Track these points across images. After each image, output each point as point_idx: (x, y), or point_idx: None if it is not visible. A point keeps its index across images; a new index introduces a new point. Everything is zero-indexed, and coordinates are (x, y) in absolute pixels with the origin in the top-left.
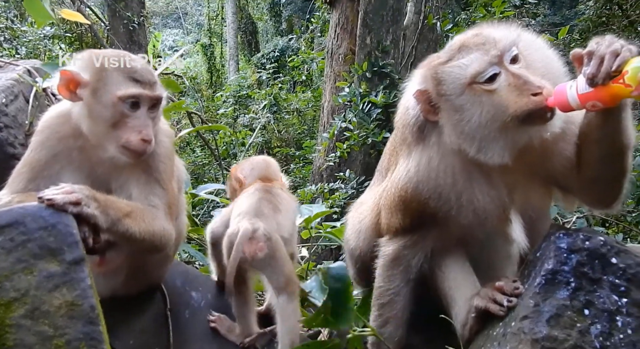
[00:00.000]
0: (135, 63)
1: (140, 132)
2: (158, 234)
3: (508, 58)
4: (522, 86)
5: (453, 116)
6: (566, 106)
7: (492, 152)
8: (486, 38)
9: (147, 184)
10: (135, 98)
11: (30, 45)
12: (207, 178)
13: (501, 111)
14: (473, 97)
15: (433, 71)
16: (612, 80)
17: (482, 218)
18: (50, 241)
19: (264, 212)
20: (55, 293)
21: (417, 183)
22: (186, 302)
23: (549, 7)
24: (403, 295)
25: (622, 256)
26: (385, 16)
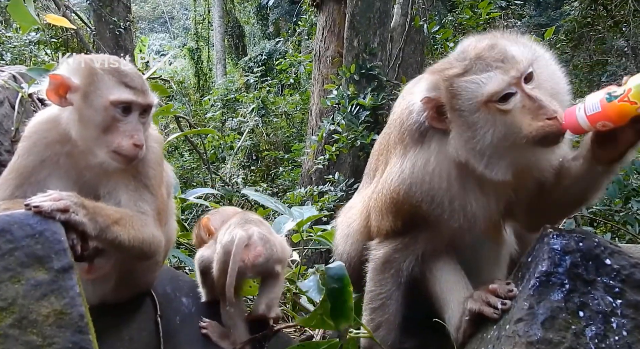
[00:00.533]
0: (127, 68)
1: (132, 136)
2: (147, 241)
3: (523, 77)
4: (537, 110)
5: (465, 132)
6: (577, 128)
7: (497, 168)
8: (505, 55)
9: (136, 190)
10: (127, 103)
11: (16, 51)
12: (196, 182)
13: (513, 132)
14: (487, 116)
15: (449, 83)
16: (618, 99)
17: (472, 223)
18: (37, 249)
19: (253, 220)
20: (44, 301)
21: (411, 185)
22: (177, 308)
23: (534, 8)
24: (395, 299)
25: (616, 257)
26: (372, 18)
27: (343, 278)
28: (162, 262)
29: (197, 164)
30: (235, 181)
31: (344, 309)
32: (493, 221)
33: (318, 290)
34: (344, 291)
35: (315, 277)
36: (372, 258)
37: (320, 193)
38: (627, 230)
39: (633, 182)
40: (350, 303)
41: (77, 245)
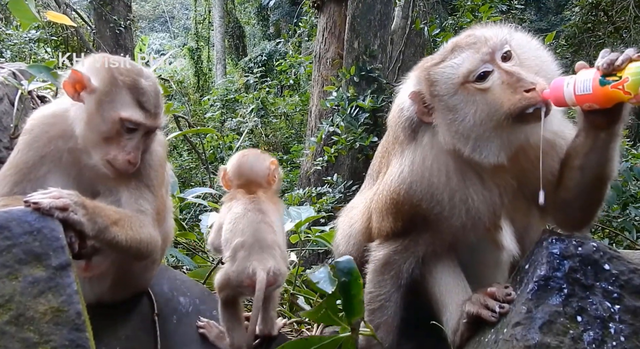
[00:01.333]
0: (147, 85)
1: (129, 153)
2: (145, 241)
3: (500, 56)
4: (515, 83)
5: (447, 116)
6: (561, 101)
7: (487, 151)
8: (477, 37)
9: (137, 189)
10: (136, 124)
11: (15, 49)
12: (194, 182)
13: (495, 109)
14: (466, 97)
15: (426, 72)
16: (612, 85)
17: (474, 219)
18: (35, 246)
19: (267, 240)
20: (41, 298)
21: (411, 184)
22: (174, 307)
23: (535, 12)
24: (394, 301)
25: (615, 263)
26: (372, 21)
27: (352, 271)
28: (160, 261)
29: (195, 164)
30: None
31: (355, 302)
32: (496, 217)
33: (330, 281)
34: (354, 284)
35: (326, 268)
36: (372, 259)
37: (318, 195)
38: (624, 236)
39: (631, 188)
40: (361, 296)
41: (75, 243)
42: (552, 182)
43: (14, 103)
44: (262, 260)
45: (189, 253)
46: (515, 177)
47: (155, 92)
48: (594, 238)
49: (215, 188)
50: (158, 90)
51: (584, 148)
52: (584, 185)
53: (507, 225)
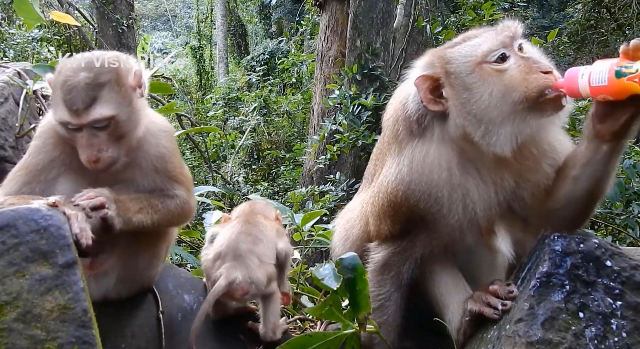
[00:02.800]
0: (75, 82)
1: (84, 153)
2: (172, 216)
3: (517, 45)
4: (532, 65)
5: (461, 94)
6: (575, 92)
7: (496, 138)
8: (495, 26)
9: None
10: (64, 124)
11: (18, 48)
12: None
13: (512, 90)
14: (483, 77)
15: (442, 54)
16: (628, 77)
17: (471, 216)
18: (42, 244)
19: (241, 250)
20: (48, 296)
21: (409, 184)
22: (178, 305)
23: (537, 10)
24: (394, 300)
25: (617, 259)
26: (375, 19)
27: (357, 267)
28: (164, 258)
29: (198, 162)
30: (237, 180)
31: (361, 297)
32: (491, 217)
33: (334, 277)
34: (359, 280)
35: (330, 265)
36: (371, 260)
37: (321, 193)
38: (627, 233)
39: (634, 185)
40: (367, 291)
41: (82, 238)
42: (544, 188)
43: (19, 102)
44: (230, 268)
45: (192, 251)
46: (513, 176)
47: (85, 87)
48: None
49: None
50: (89, 84)
51: (583, 159)
52: (573, 197)
53: (504, 230)
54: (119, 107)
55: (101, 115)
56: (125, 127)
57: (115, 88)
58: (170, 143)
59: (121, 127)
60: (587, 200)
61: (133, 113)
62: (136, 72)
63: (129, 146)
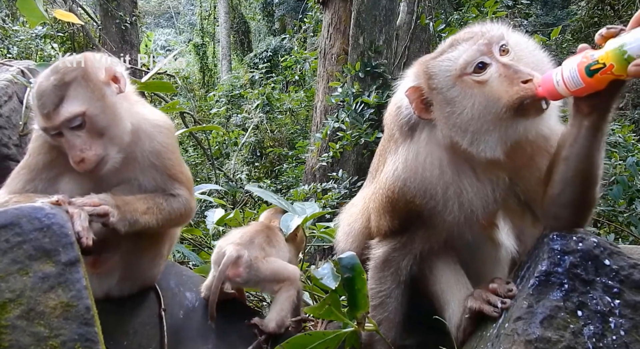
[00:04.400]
0: (42, 87)
1: (69, 155)
2: (176, 216)
3: (497, 49)
4: (513, 75)
5: (445, 109)
6: (557, 97)
7: (484, 145)
8: (475, 32)
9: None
10: (45, 130)
11: (22, 45)
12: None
13: (493, 102)
14: (464, 89)
15: (424, 66)
16: (600, 72)
17: (468, 213)
18: (45, 242)
19: (254, 241)
20: (51, 294)
21: (405, 180)
22: (180, 302)
23: (541, 7)
24: (395, 297)
25: (615, 258)
26: (378, 16)
27: (356, 266)
28: (167, 256)
29: (201, 160)
30: (239, 178)
31: (360, 297)
32: (490, 213)
33: (333, 276)
34: (358, 279)
35: (329, 264)
36: (372, 257)
37: (323, 191)
38: (630, 231)
39: (637, 183)
40: (365, 290)
41: (84, 237)
42: (542, 183)
43: (22, 101)
44: (239, 245)
45: (194, 249)
46: (508, 173)
47: (50, 90)
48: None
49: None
50: (56, 85)
51: (570, 138)
52: (567, 179)
53: (505, 222)
54: (88, 102)
55: (70, 113)
56: (101, 122)
57: (82, 84)
58: (166, 139)
59: (97, 123)
60: (581, 181)
61: (107, 107)
62: (107, 67)
63: (118, 142)
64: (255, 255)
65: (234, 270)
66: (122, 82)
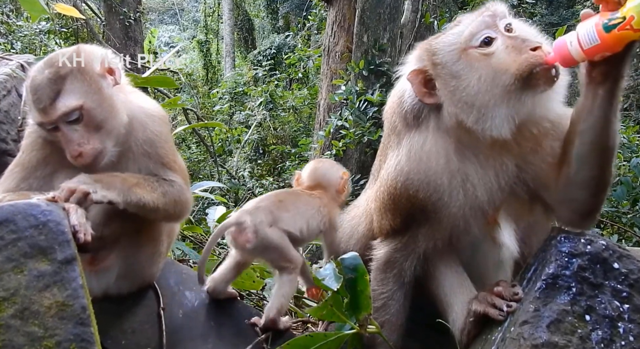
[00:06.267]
0: (37, 81)
1: (66, 149)
2: (171, 202)
3: (502, 25)
4: (520, 44)
5: (450, 83)
6: (569, 60)
7: (491, 121)
8: (478, 10)
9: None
10: (41, 125)
11: (26, 40)
12: (203, 174)
13: (501, 73)
14: (470, 62)
15: (427, 45)
16: (618, 27)
17: (473, 202)
18: (41, 239)
19: (260, 206)
20: (46, 292)
21: (407, 174)
22: (180, 302)
23: (546, 7)
24: (397, 299)
25: (624, 261)
26: (382, 14)
27: (358, 267)
28: (166, 254)
29: (204, 157)
30: (242, 175)
31: (362, 298)
32: (495, 203)
33: (335, 277)
34: (360, 280)
35: (331, 265)
36: (375, 258)
37: None
38: (634, 232)
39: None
40: (368, 292)
41: (80, 233)
42: (553, 165)
43: (21, 95)
44: (243, 212)
45: (195, 247)
46: (515, 159)
47: (45, 84)
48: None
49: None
50: (51, 78)
51: (584, 110)
52: (583, 154)
53: (508, 223)
54: (85, 95)
55: (67, 107)
56: (99, 115)
57: (78, 77)
58: (159, 128)
59: (95, 116)
60: (598, 155)
61: (104, 100)
62: (102, 60)
63: (115, 135)
64: (260, 219)
65: (241, 237)
66: (117, 73)
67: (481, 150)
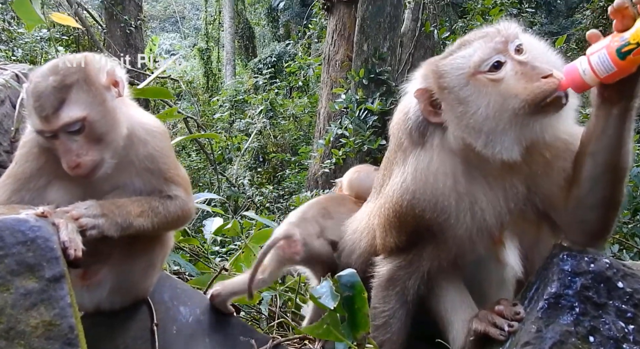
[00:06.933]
0: (40, 88)
1: (63, 159)
2: (173, 219)
3: (513, 47)
4: (531, 71)
5: (457, 109)
6: (584, 87)
7: (500, 145)
8: (488, 31)
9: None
10: (41, 132)
11: (27, 47)
12: (202, 182)
13: (511, 99)
14: (478, 88)
15: (434, 66)
16: (634, 53)
17: (480, 224)
18: (28, 256)
19: (307, 216)
20: (33, 311)
21: (414, 193)
22: (173, 317)
23: (546, 16)
24: (398, 318)
25: (629, 280)
26: (382, 23)
27: (356, 284)
28: (160, 268)
29: (204, 164)
30: (242, 183)
31: (360, 316)
32: (502, 225)
33: (332, 296)
34: (358, 298)
35: (328, 283)
36: (377, 275)
37: None
38: (635, 242)
39: None
40: (366, 310)
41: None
42: (563, 187)
43: (15, 105)
44: (291, 224)
45: (191, 259)
46: (524, 181)
47: (52, 90)
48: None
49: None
50: (56, 87)
51: (597, 131)
52: (595, 175)
53: (512, 241)
54: (89, 107)
55: (71, 118)
56: (101, 128)
57: (84, 88)
58: (161, 143)
59: (97, 128)
60: (611, 176)
61: (108, 112)
62: (108, 71)
63: (113, 147)
64: (308, 231)
65: (291, 249)
66: (121, 85)
67: (490, 171)
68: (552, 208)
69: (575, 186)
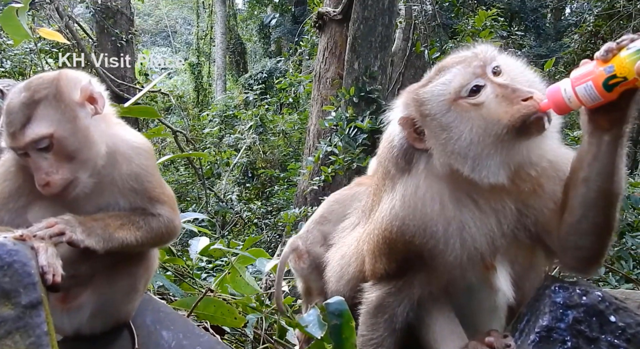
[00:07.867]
0: (11, 105)
1: (35, 176)
2: (157, 234)
3: (490, 70)
4: (511, 94)
5: (440, 136)
6: (565, 109)
7: (486, 169)
8: (465, 55)
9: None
10: (12, 150)
11: (16, 59)
12: (190, 197)
13: (493, 124)
14: (460, 114)
15: (414, 94)
16: (621, 85)
17: (470, 250)
18: (4, 282)
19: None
20: (7, 340)
21: (403, 218)
22: (156, 342)
23: (534, 38)
24: (387, 346)
25: (621, 314)
26: (373, 42)
27: (344, 313)
28: (143, 291)
29: (192, 179)
30: (230, 198)
31: (347, 346)
32: (494, 250)
33: (319, 324)
34: (346, 327)
35: (315, 311)
36: (365, 301)
37: None
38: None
39: (628, 217)
40: (353, 339)
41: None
42: (555, 211)
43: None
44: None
45: (176, 280)
46: (514, 202)
47: (19, 108)
48: None
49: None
50: (25, 103)
51: (589, 157)
52: (589, 202)
53: (504, 266)
54: (56, 123)
55: (36, 135)
56: (71, 145)
57: (52, 104)
58: (146, 161)
59: (66, 146)
60: (604, 202)
61: (79, 130)
62: (83, 87)
63: (90, 166)
64: (310, 241)
65: (296, 261)
66: (100, 102)
67: (480, 194)
68: (545, 232)
69: (568, 213)
